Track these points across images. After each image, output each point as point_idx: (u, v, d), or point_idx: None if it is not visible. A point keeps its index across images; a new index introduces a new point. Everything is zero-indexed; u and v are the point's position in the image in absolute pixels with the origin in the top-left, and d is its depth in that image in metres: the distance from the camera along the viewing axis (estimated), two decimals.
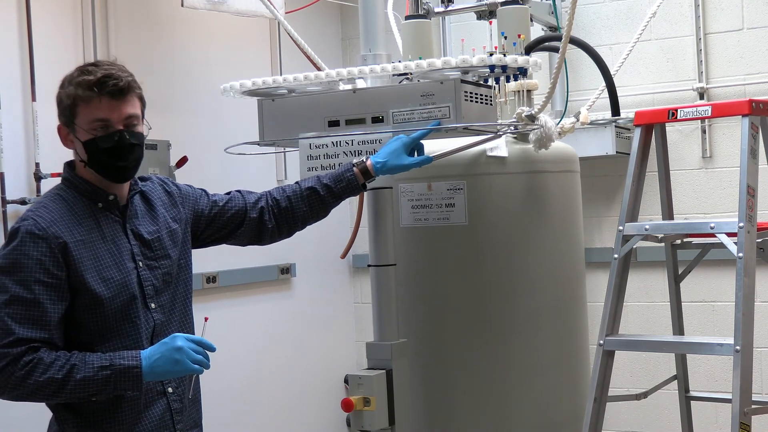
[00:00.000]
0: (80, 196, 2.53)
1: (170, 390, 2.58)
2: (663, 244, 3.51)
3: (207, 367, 2.48)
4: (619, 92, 4.01)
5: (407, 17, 3.56)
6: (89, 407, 2.46)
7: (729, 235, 3.01)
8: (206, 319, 2.64)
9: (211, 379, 2.92)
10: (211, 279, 4.78)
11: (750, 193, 2.98)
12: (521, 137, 3.34)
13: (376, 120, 2.91)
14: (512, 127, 3.18)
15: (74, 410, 2.48)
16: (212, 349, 2.49)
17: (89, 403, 2.45)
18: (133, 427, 2.50)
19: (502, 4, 3.43)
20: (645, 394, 3.57)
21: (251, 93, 3.13)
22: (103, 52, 4.24)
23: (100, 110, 2.46)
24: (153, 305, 2.56)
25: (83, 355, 2.41)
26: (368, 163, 2.82)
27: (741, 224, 2.96)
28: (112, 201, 2.56)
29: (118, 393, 2.44)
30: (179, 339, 2.44)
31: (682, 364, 3.63)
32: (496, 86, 3.07)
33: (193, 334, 2.66)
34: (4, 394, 2.40)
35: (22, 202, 3.84)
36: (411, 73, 2.93)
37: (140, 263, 2.56)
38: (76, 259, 2.43)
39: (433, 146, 3.27)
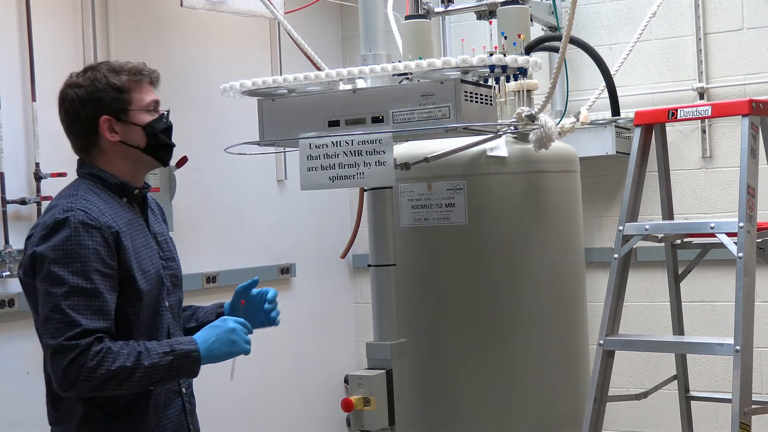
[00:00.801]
0: (107, 190, 2.52)
1: (184, 390, 2.59)
2: (663, 244, 3.51)
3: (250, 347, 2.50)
4: (619, 92, 4.00)
5: (407, 17, 3.56)
6: (117, 406, 2.42)
7: (729, 235, 3.01)
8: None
9: (211, 379, 2.91)
10: (211, 279, 4.78)
11: (750, 193, 2.97)
12: (521, 137, 3.34)
13: (376, 120, 2.91)
14: (512, 127, 3.18)
15: (102, 409, 2.42)
16: (251, 331, 2.52)
17: (114, 402, 2.41)
18: (156, 428, 2.49)
19: (502, 4, 3.43)
20: (645, 394, 3.57)
21: (251, 93, 3.13)
22: (103, 52, 4.23)
23: (151, 93, 2.57)
24: (167, 303, 2.56)
25: (143, 343, 2.37)
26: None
27: (741, 224, 2.96)
28: (136, 196, 2.57)
29: (176, 380, 2.45)
30: (230, 321, 2.46)
31: (682, 364, 3.63)
32: (496, 86, 3.07)
33: None
34: (73, 389, 2.31)
35: (22, 202, 3.83)
36: (411, 73, 2.93)
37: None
38: (125, 250, 2.42)
39: (433, 146, 3.28)
